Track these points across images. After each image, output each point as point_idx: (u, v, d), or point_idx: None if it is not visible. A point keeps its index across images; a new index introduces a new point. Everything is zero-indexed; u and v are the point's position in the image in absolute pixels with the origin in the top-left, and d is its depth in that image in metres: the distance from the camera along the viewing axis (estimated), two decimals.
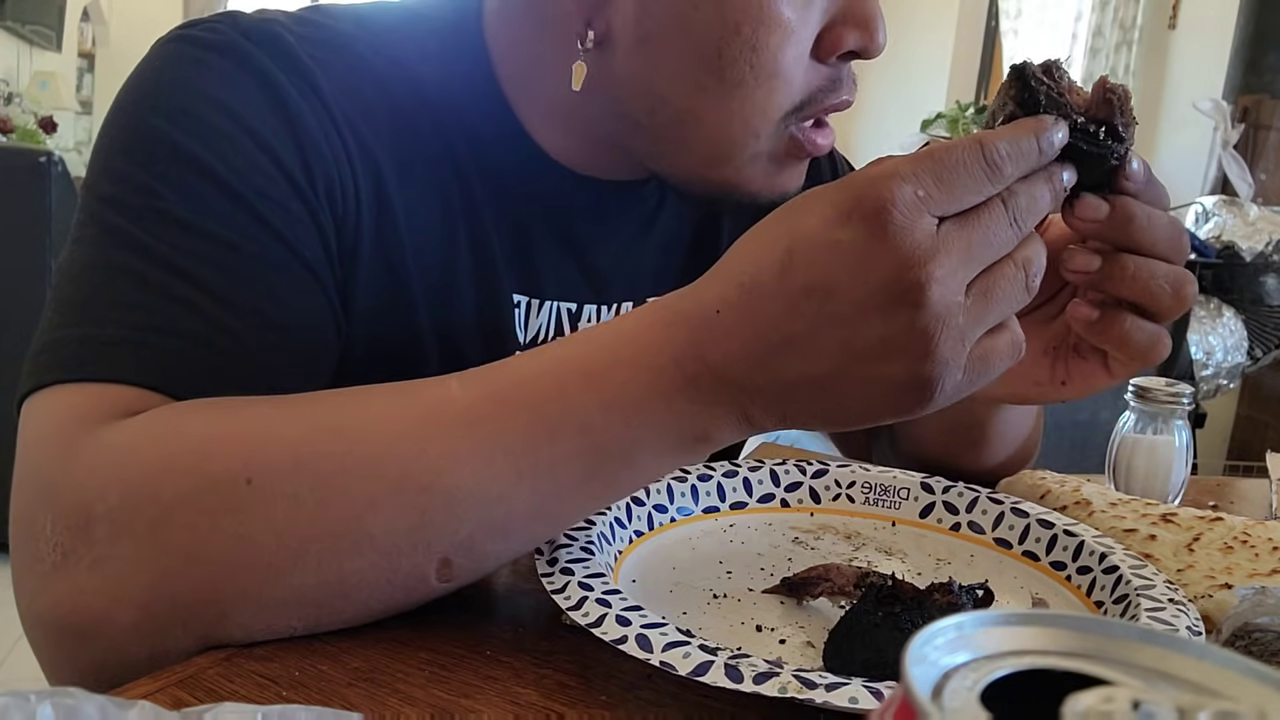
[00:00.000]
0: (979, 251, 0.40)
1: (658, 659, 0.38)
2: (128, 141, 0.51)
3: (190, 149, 0.50)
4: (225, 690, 0.39)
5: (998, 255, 0.41)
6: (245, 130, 0.51)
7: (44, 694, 0.29)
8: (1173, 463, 0.70)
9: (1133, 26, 3.61)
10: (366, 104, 0.56)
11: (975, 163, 0.40)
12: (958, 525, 0.60)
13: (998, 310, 0.41)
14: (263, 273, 0.50)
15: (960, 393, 0.41)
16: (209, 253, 0.49)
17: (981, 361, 0.41)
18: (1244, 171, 3.06)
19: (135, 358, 0.46)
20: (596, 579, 0.44)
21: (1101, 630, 0.20)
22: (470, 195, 0.60)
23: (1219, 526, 0.57)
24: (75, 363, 0.46)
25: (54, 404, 0.46)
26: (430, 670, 0.41)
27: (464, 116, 0.60)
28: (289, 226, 0.51)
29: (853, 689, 0.36)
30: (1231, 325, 2.76)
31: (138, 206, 0.49)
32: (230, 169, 0.50)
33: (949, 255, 0.39)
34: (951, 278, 0.39)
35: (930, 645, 0.19)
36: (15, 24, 4.41)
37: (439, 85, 0.59)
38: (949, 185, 0.39)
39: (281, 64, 0.53)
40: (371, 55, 0.57)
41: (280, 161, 0.51)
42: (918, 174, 0.39)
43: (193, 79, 0.52)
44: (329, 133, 0.53)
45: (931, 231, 0.39)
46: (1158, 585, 0.48)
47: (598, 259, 0.65)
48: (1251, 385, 3.16)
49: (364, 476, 0.42)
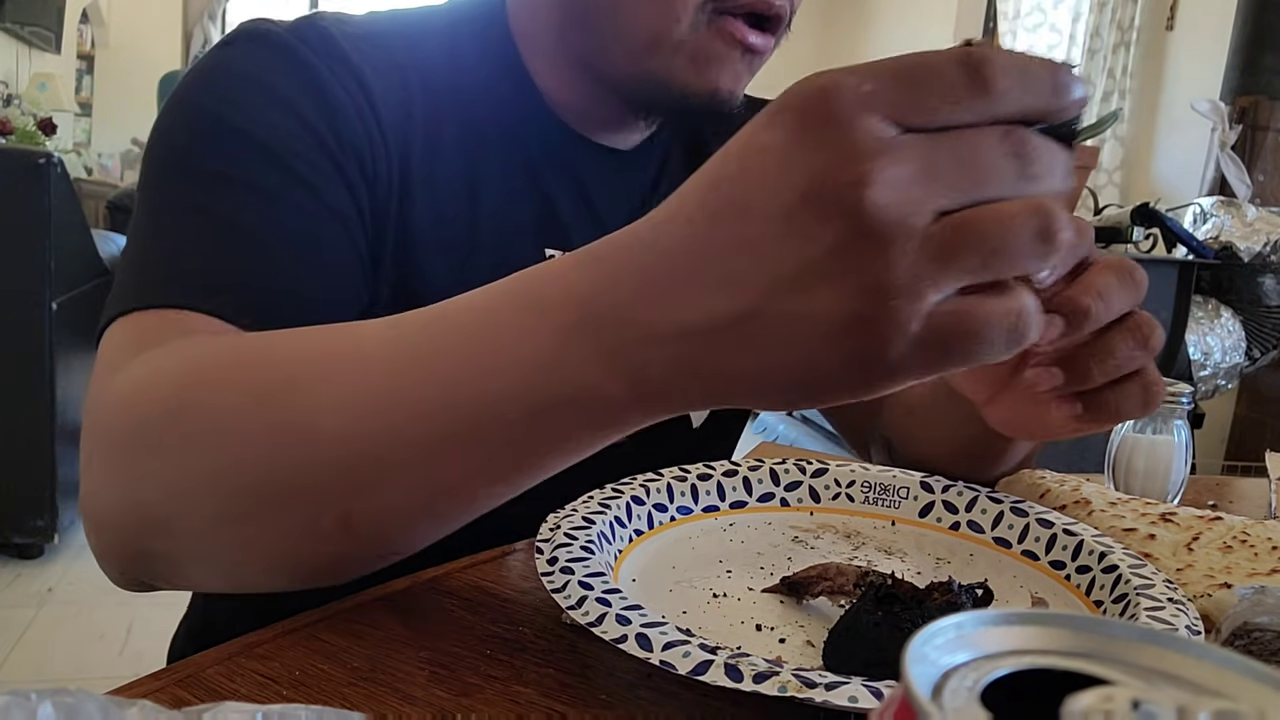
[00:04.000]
0: (952, 171, 0.30)
1: (658, 658, 0.38)
2: (176, 116, 0.58)
3: (230, 118, 0.56)
4: (226, 689, 0.39)
5: (987, 190, 0.31)
6: (280, 103, 0.57)
7: (44, 693, 0.29)
8: (1172, 462, 0.71)
9: (1130, 27, 3.61)
10: (403, 91, 0.62)
11: (953, 67, 0.30)
12: (957, 524, 0.60)
13: (984, 255, 0.30)
14: (295, 217, 0.56)
15: (920, 362, 0.31)
16: (247, 200, 0.55)
17: (956, 322, 0.30)
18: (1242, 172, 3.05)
19: (180, 285, 0.52)
20: (596, 578, 0.44)
21: (1101, 630, 0.20)
22: (498, 165, 0.65)
23: (1218, 526, 0.57)
24: (135, 294, 0.52)
25: (118, 331, 0.52)
26: (430, 670, 0.41)
27: (496, 93, 0.66)
28: (321, 181, 0.57)
29: (852, 688, 0.36)
30: (1229, 326, 2.76)
31: (185, 167, 0.56)
32: (267, 133, 0.56)
33: (900, 158, 0.30)
34: (904, 186, 0.30)
35: (930, 644, 0.19)
36: (14, 26, 4.41)
37: (474, 63, 0.66)
38: (911, 85, 0.30)
39: (320, 52, 0.59)
40: (411, 43, 0.64)
41: (312, 128, 0.57)
42: (871, 68, 0.31)
43: (238, 65, 0.59)
44: (362, 110, 0.59)
45: (879, 131, 0.30)
46: (1157, 585, 0.48)
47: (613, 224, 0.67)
48: (1249, 385, 3.16)
49: (255, 415, 0.42)
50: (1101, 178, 3.57)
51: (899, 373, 0.31)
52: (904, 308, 0.30)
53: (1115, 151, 3.62)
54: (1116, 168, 3.62)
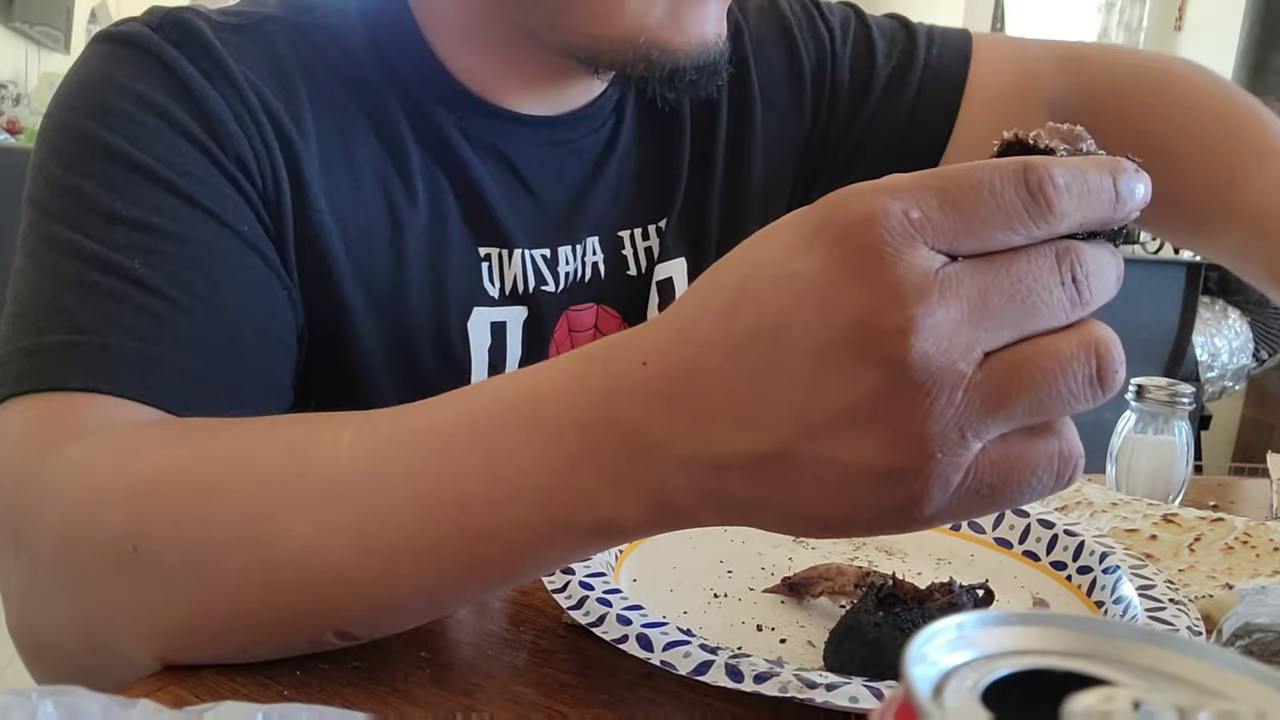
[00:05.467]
0: (1004, 307, 0.28)
1: (658, 658, 0.38)
2: (54, 143, 0.52)
3: (111, 141, 0.50)
4: (227, 689, 0.39)
5: (1038, 323, 0.28)
6: (159, 115, 0.51)
7: (45, 692, 0.29)
8: (1174, 463, 0.70)
9: (1139, 28, 3.60)
10: (282, 78, 0.56)
11: (1009, 185, 0.28)
12: (958, 525, 0.59)
13: (1033, 400, 0.28)
14: (201, 256, 0.50)
15: (960, 510, 0.29)
16: (144, 243, 0.49)
17: (999, 472, 0.29)
18: None
19: (80, 363, 0.46)
20: (597, 578, 0.44)
21: (1102, 630, 0.20)
22: (414, 155, 0.59)
23: (1220, 527, 0.57)
24: (20, 375, 0.46)
25: (12, 420, 0.45)
26: (431, 670, 0.41)
27: (396, 75, 0.60)
28: (219, 202, 0.51)
29: (853, 688, 0.36)
30: (1237, 327, 2.76)
31: (69, 208, 0.50)
32: (153, 155, 0.50)
33: (949, 299, 0.27)
34: (951, 331, 0.27)
35: (931, 645, 0.19)
36: (23, 25, 4.42)
37: (364, 46, 0.59)
38: (961, 210, 0.28)
39: (186, 49, 0.53)
40: (291, 30, 0.58)
41: (196, 141, 0.52)
42: (917, 190, 0.28)
43: (107, 75, 0.53)
44: (238, 110, 0.53)
45: (927, 267, 0.28)
46: (1158, 585, 0.48)
47: (554, 199, 0.65)
48: (1257, 387, 3.15)
49: (237, 552, 0.38)
50: None
51: (936, 521, 0.30)
52: (947, 461, 0.28)
53: None
54: None
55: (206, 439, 0.43)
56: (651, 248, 0.69)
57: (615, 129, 0.68)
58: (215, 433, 0.43)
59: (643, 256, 0.69)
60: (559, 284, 0.65)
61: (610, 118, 0.67)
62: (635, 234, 0.68)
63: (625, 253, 0.68)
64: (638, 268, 0.68)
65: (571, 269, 0.65)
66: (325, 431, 0.39)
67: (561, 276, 0.65)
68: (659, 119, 0.69)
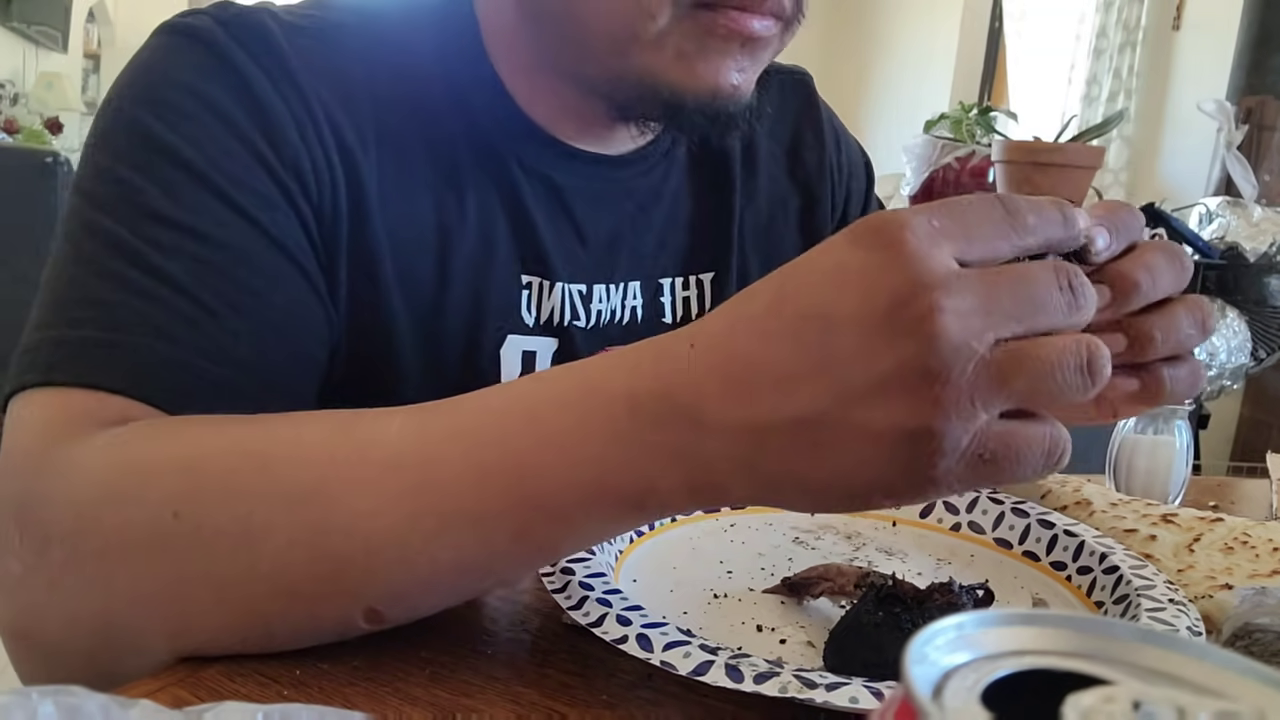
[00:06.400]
0: (1010, 303, 0.33)
1: (658, 659, 0.38)
2: (108, 133, 0.51)
3: (163, 136, 0.50)
4: (227, 689, 0.39)
5: (1041, 321, 0.34)
6: (218, 117, 0.51)
7: (46, 692, 0.29)
8: (1173, 463, 0.70)
9: (1136, 27, 3.60)
10: (349, 90, 0.55)
11: (990, 205, 0.35)
12: (958, 525, 0.59)
13: (1031, 384, 0.33)
14: (240, 265, 0.50)
15: (962, 475, 0.34)
16: (184, 246, 0.48)
17: (1000, 443, 0.34)
18: (1248, 173, 3.05)
19: (108, 362, 0.46)
20: (597, 579, 0.44)
21: (1102, 630, 0.20)
22: (470, 176, 0.59)
23: (1219, 527, 0.57)
24: (49, 365, 0.46)
25: (33, 409, 0.46)
26: (430, 670, 0.41)
27: (460, 96, 0.60)
28: (267, 213, 0.51)
29: (853, 689, 0.36)
30: (1235, 326, 2.75)
31: (115, 200, 0.49)
32: (204, 156, 0.50)
33: (966, 292, 0.33)
34: (968, 315, 0.33)
35: (931, 645, 0.19)
36: (21, 25, 4.42)
37: (432, 60, 0.59)
38: (964, 222, 0.34)
39: (253, 50, 0.52)
40: (362, 42, 0.57)
41: (252, 146, 0.51)
42: (932, 209, 0.35)
43: (169, 68, 0.52)
44: (301, 119, 0.53)
45: (948, 263, 0.33)
46: (1158, 585, 0.48)
47: (598, 236, 0.65)
48: (1255, 386, 3.15)
49: (284, 517, 0.40)
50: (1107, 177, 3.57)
51: (941, 483, 0.34)
52: (959, 425, 0.33)
53: (1121, 151, 3.61)
54: (1122, 168, 3.62)
55: (254, 423, 0.43)
56: (690, 298, 0.69)
57: (665, 174, 0.68)
58: (261, 420, 0.44)
59: (679, 306, 0.69)
60: (588, 320, 0.65)
61: (661, 162, 0.68)
62: (676, 282, 0.69)
63: (664, 299, 0.68)
64: (673, 316, 0.68)
65: (604, 308, 0.65)
66: (374, 418, 0.42)
67: (594, 314, 0.65)
68: (715, 171, 0.70)
